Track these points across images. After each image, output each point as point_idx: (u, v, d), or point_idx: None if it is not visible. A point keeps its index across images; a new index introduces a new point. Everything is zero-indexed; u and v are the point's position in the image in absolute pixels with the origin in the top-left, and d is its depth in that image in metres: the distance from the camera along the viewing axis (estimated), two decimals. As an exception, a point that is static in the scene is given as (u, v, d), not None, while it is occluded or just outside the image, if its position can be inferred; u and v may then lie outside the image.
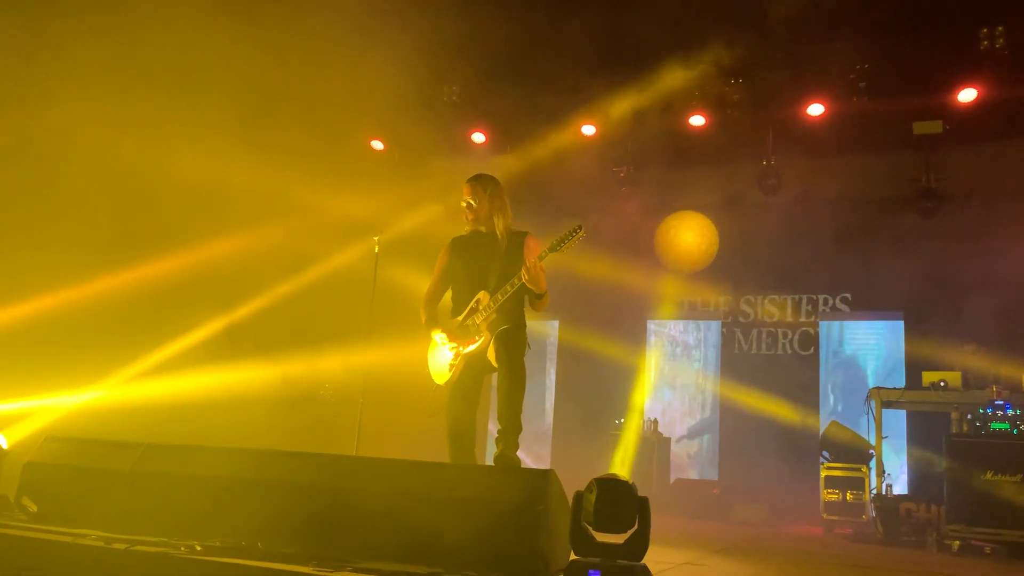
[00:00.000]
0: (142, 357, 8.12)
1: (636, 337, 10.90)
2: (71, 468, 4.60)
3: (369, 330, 6.73)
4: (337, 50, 7.74)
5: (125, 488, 4.35)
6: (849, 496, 8.05)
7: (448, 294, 4.97)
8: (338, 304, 8.37)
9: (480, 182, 4.83)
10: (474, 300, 4.73)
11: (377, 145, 10.03)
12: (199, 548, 3.56)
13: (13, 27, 7.12)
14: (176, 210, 7.99)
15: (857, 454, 8.19)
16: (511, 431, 4.40)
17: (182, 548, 3.56)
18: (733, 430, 10.12)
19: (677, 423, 10.72)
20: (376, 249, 6.75)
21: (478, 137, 9.91)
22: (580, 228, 4.47)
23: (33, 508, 4.57)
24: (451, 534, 3.60)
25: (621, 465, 9.09)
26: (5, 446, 4.91)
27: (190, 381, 8.03)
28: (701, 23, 8.10)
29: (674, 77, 8.65)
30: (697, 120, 9.19)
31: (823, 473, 8.22)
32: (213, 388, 8.00)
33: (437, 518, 3.65)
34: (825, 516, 8.10)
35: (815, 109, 8.80)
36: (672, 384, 10.99)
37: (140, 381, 8.09)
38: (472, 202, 4.79)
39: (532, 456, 10.58)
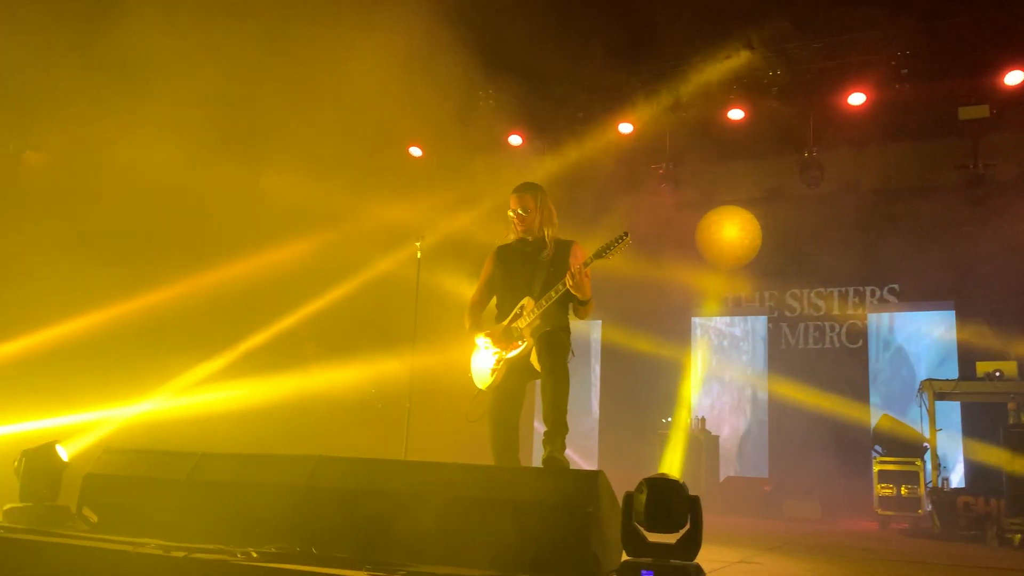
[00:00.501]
0: (194, 368, 8.28)
1: (681, 335, 10.83)
2: (129, 479, 4.71)
3: (414, 334, 6.78)
4: (372, 57, 7.82)
5: (181, 497, 4.43)
6: (904, 490, 7.91)
7: (493, 301, 5.00)
8: (383, 310, 8.45)
9: (530, 191, 4.83)
10: (518, 306, 4.75)
11: (415, 151, 10.09)
12: (255, 555, 3.62)
13: (58, 42, 7.31)
14: (223, 222, 8.15)
15: (911, 447, 8.04)
16: (558, 433, 4.40)
17: (239, 555, 3.62)
18: (782, 426, 10.01)
19: (725, 420, 10.63)
20: (418, 254, 6.80)
21: (515, 139, 9.92)
22: (626, 235, 4.45)
23: (94, 519, 4.68)
24: (502, 537, 3.61)
25: (670, 464, 9.04)
26: (66, 458, 5.03)
27: (241, 390, 8.17)
28: (737, 15, 8.02)
29: (711, 71, 8.60)
30: (736, 114, 9.10)
31: (876, 467, 8.09)
32: (262, 396, 8.12)
33: (488, 521, 3.67)
34: (880, 511, 7.97)
35: (856, 98, 8.66)
36: (719, 381, 10.90)
37: (193, 391, 8.25)
38: (522, 212, 4.79)
39: (580, 452, 10.57)
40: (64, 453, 5.04)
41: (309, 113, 8.14)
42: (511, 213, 4.84)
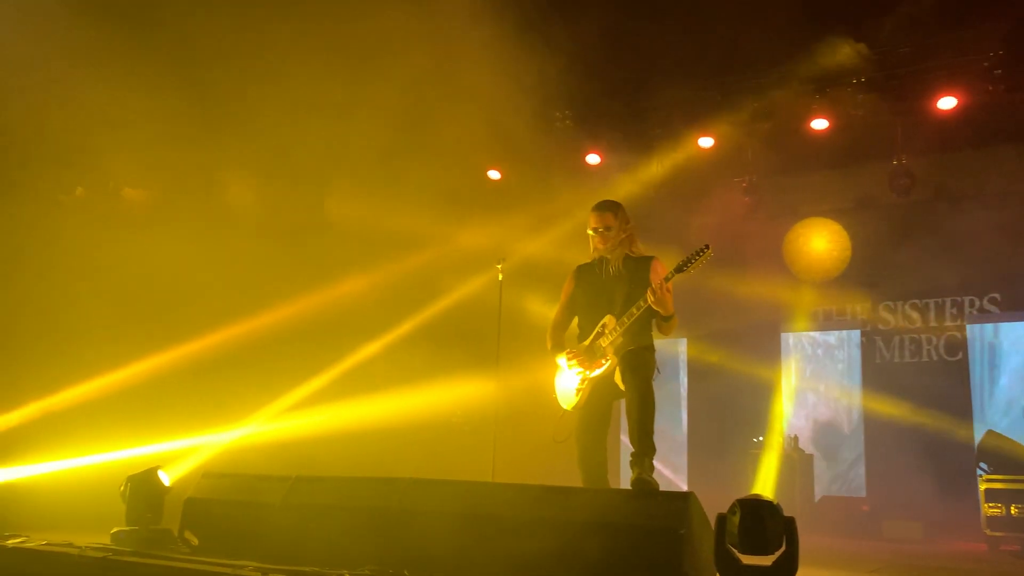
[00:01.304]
0: (287, 394, 8.51)
1: (770, 351, 10.57)
2: (227, 502, 4.86)
3: (497, 356, 6.81)
4: (449, 82, 7.95)
5: (277, 520, 4.55)
6: (1014, 510, 7.51)
7: (575, 322, 4.98)
8: (467, 332, 8.53)
9: (610, 209, 4.80)
10: (600, 324, 4.72)
11: (494, 174, 10.18)
12: (349, 576, 3.68)
13: (153, 87, 7.67)
14: (315, 250, 8.41)
15: (1020, 465, 7.65)
16: (645, 453, 4.35)
17: (333, 577, 3.69)
18: (880, 443, 9.65)
19: (819, 438, 10.31)
20: (500, 276, 6.84)
21: (593, 158, 9.90)
22: (707, 248, 4.38)
23: (195, 541, 4.85)
24: (593, 560, 3.58)
25: (763, 484, 8.82)
26: (168, 483, 5.22)
27: (332, 414, 8.35)
28: (816, 24, 7.86)
29: (792, 81, 8.43)
30: (819, 123, 8.88)
31: (982, 486, 7.72)
32: (352, 419, 8.28)
33: (578, 543, 3.64)
34: (988, 532, 7.58)
35: (947, 102, 8.34)
36: (811, 398, 10.59)
37: (286, 416, 8.47)
38: (603, 229, 4.76)
39: (669, 467, 10.41)
40: (166, 478, 5.23)
41: (389, 140, 8.33)
42: (591, 231, 4.83)
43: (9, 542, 4.82)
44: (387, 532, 4.13)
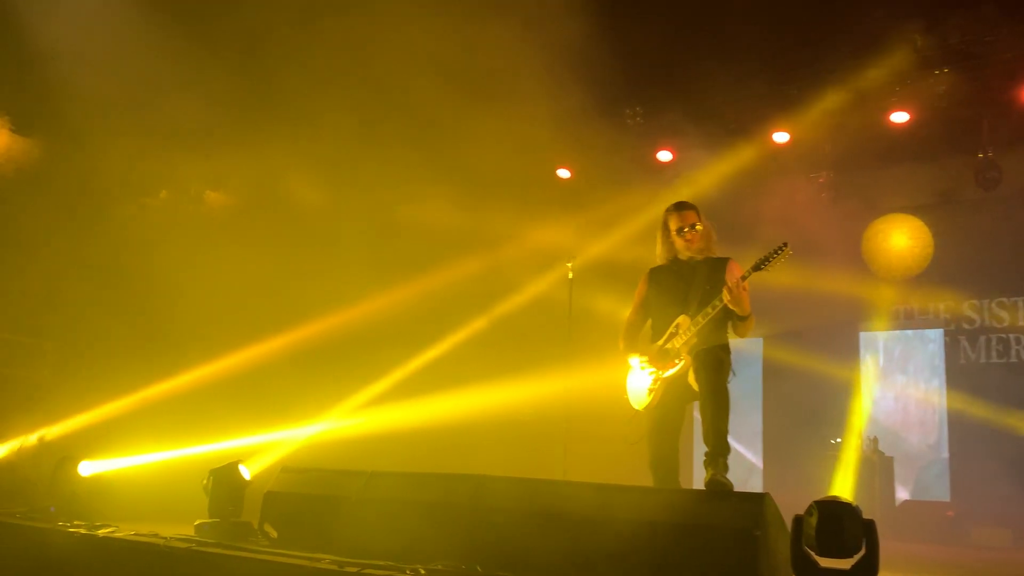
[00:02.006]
0: (362, 390, 8.67)
1: (848, 351, 10.30)
2: (305, 496, 4.97)
3: (568, 355, 6.81)
4: (519, 81, 7.97)
5: (353, 514, 4.63)
6: (1111, 518, 7.18)
7: (648, 324, 4.93)
8: (538, 331, 8.55)
9: (693, 208, 4.74)
10: (673, 325, 4.66)
11: (563, 173, 10.16)
12: (423, 572, 3.72)
13: (231, 92, 7.91)
14: (387, 250, 8.55)
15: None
16: (719, 454, 4.29)
17: (407, 572, 3.73)
18: (964, 446, 9.31)
19: (899, 440, 10.01)
20: (570, 275, 6.83)
21: (664, 156, 9.80)
22: (785, 245, 4.30)
23: (274, 534, 4.97)
24: (665, 561, 3.55)
25: (841, 487, 8.60)
26: (248, 477, 5.37)
27: (405, 410, 8.47)
28: (896, 13, 7.63)
29: (871, 73, 8.19)
30: (900, 116, 8.61)
31: (1077, 492, 7.39)
32: (425, 416, 8.39)
33: (650, 544, 3.62)
34: (1083, 540, 7.26)
35: (1036, 92, 8.00)
36: (891, 399, 10.28)
37: (362, 412, 8.63)
38: (690, 228, 4.68)
39: (752, 450, 10.25)
40: (246, 472, 5.38)
41: (460, 142, 8.41)
42: (676, 231, 4.73)
43: (100, 532, 5.03)
44: (459, 528, 4.17)
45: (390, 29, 7.42)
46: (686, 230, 4.69)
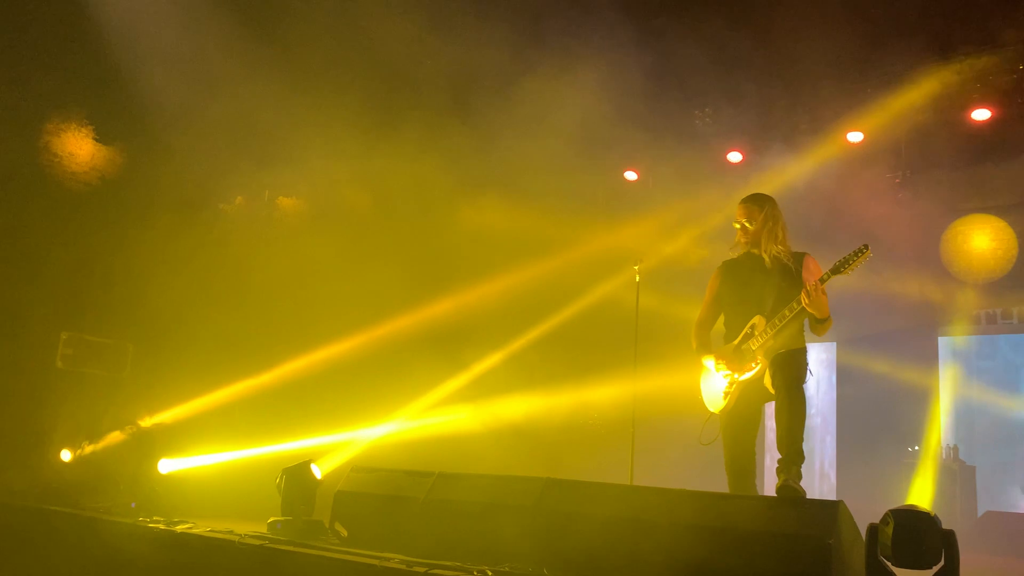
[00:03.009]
0: (430, 392, 8.76)
1: (927, 356, 9.98)
2: (374, 496, 5.04)
3: (635, 357, 6.76)
4: (586, 84, 7.96)
5: (420, 514, 4.68)
6: None
7: (721, 320, 4.85)
8: (605, 334, 8.51)
9: (756, 201, 4.66)
10: (748, 325, 4.56)
11: (630, 175, 10.09)
12: (490, 573, 3.74)
13: (302, 100, 8.09)
14: (455, 252, 8.63)
15: None
16: (793, 460, 4.19)
17: (475, 573, 3.76)
18: (1051, 456, 8.94)
19: (982, 449, 9.65)
20: (637, 278, 6.79)
21: (734, 156, 9.65)
22: (866, 248, 4.19)
23: (344, 533, 5.05)
24: (736, 568, 3.50)
25: (919, 496, 8.35)
26: (319, 476, 5.48)
27: (471, 413, 8.53)
28: (976, 7, 7.37)
29: (950, 70, 7.93)
30: (981, 114, 8.32)
31: None
32: (491, 418, 8.43)
33: (720, 551, 3.57)
34: None
35: None
36: (973, 406, 9.92)
37: (429, 413, 8.72)
38: (747, 224, 4.62)
39: (825, 457, 10.01)
40: (318, 471, 5.48)
41: (526, 144, 8.42)
42: (736, 224, 4.69)
43: (178, 527, 5.19)
44: (526, 530, 4.17)
45: (446, 33, 7.50)
46: (744, 223, 4.63)
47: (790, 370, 4.32)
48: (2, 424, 7.05)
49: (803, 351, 4.48)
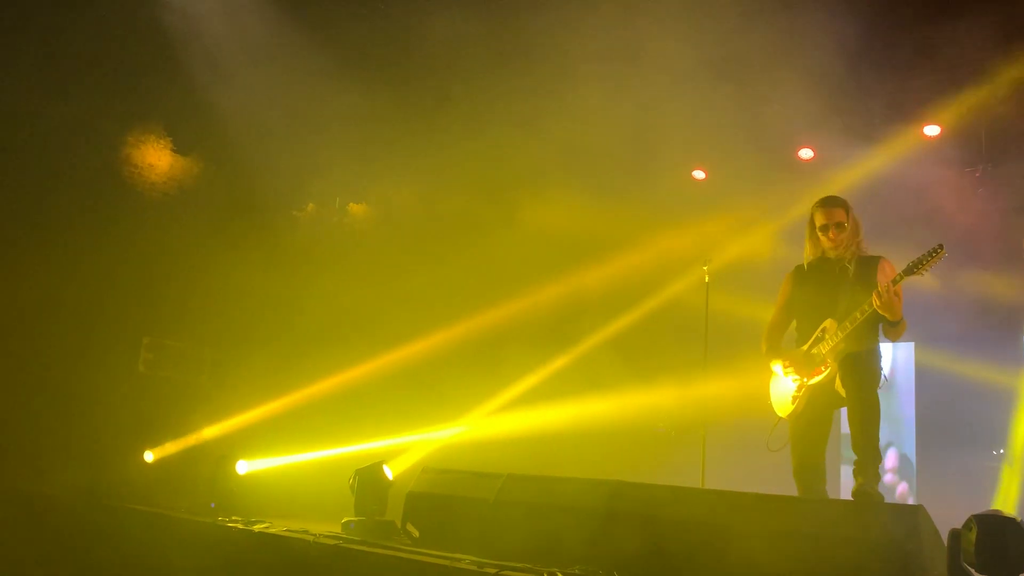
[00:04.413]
0: (499, 393, 8.81)
1: (1011, 356, 9.59)
2: (444, 496, 5.08)
3: (705, 360, 6.68)
4: (652, 82, 7.90)
5: (490, 515, 4.70)
6: None
7: (793, 325, 4.77)
8: (672, 336, 8.43)
9: (842, 205, 4.55)
10: (820, 329, 4.48)
11: (698, 175, 9.98)
12: (560, 575, 3.74)
13: (370, 111, 8.22)
14: (523, 256, 8.67)
15: None
16: (869, 463, 4.10)
17: (545, 574, 3.76)
18: None
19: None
20: (706, 279, 6.72)
21: (806, 153, 9.45)
22: (941, 247, 4.07)
23: (416, 533, 5.11)
24: (811, 574, 3.43)
25: (1004, 501, 8.04)
26: (391, 477, 5.55)
27: (540, 415, 8.54)
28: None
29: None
30: (1064, 103, 7.98)
31: None
32: (560, 419, 8.42)
33: (795, 556, 3.50)
34: None
35: None
36: (1061, 407, 9.50)
37: (500, 415, 8.77)
38: (837, 227, 4.51)
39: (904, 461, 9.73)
40: (389, 472, 5.56)
41: (592, 144, 8.41)
42: (820, 229, 4.56)
43: (255, 527, 5.32)
44: (595, 533, 4.16)
45: (525, 43, 7.52)
46: (831, 228, 4.52)
47: (861, 371, 4.22)
48: (88, 426, 7.31)
49: (875, 352, 4.38)
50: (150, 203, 8.24)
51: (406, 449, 8.11)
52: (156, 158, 8.35)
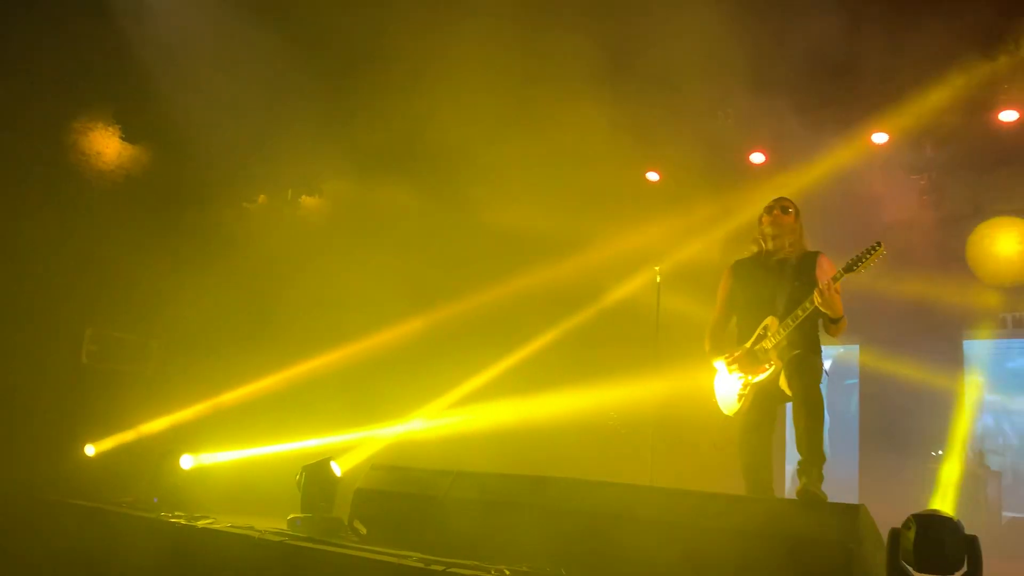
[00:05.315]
0: (449, 391, 8.78)
1: (951, 359, 9.85)
2: (393, 494, 5.06)
3: (655, 359, 6.74)
4: (606, 84, 7.93)
5: (439, 513, 4.69)
6: None
7: (734, 321, 4.82)
8: (625, 335, 8.49)
9: (792, 203, 4.62)
10: (761, 326, 4.53)
11: (652, 176, 10.06)
12: (508, 572, 3.74)
13: (327, 108, 8.14)
14: (474, 255, 8.65)
15: None
16: (813, 463, 4.16)
17: (492, 572, 3.76)
18: (1080, 462, 8.81)
19: (1007, 454, 9.53)
20: (657, 279, 6.77)
21: (757, 157, 9.58)
22: (879, 245, 4.15)
23: (363, 530, 5.08)
24: (755, 572, 3.48)
25: (942, 501, 8.25)
26: (339, 474, 5.50)
27: (490, 412, 8.54)
28: (1004, 7, 7.27)
29: (977, 71, 7.83)
30: (1008, 115, 8.21)
31: None
32: (509, 417, 8.43)
33: (738, 554, 3.54)
34: None
35: None
36: (999, 411, 9.80)
37: (448, 413, 8.75)
38: (791, 209, 4.59)
39: (847, 461, 9.91)
40: (337, 469, 5.51)
41: (547, 144, 8.41)
42: (768, 209, 4.61)
43: (199, 523, 5.23)
44: (544, 530, 4.17)
45: (471, 33, 7.50)
46: (776, 208, 4.58)
47: (806, 371, 4.28)
48: (28, 419, 7.13)
49: (817, 350, 4.45)
50: (97, 191, 8.06)
51: (355, 446, 8.04)
52: (104, 146, 8.17)
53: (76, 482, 6.73)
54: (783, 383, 4.39)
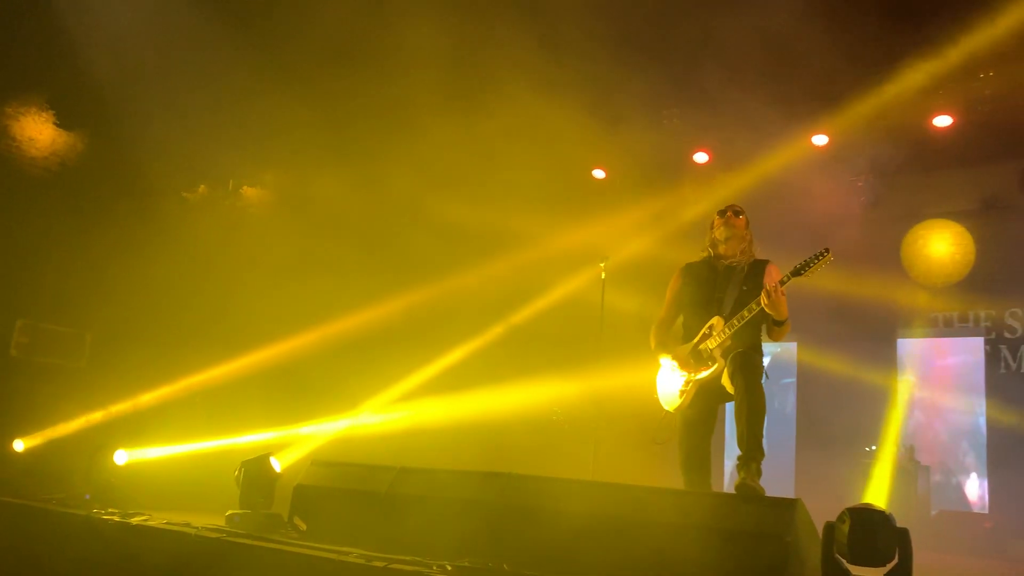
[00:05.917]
0: (392, 387, 8.72)
1: (885, 357, 10.12)
2: (334, 490, 5.00)
3: (599, 355, 6.78)
4: (557, 83, 7.96)
5: (381, 509, 4.65)
6: None
7: (680, 320, 4.89)
8: (569, 330, 8.53)
9: (743, 212, 4.74)
10: (707, 326, 4.61)
11: (598, 174, 10.13)
12: (449, 568, 3.72)
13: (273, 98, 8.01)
14: (419, 248, 8.60)
15: None
16: (752, 458, 4.23)
17: (434, 568, 3.74)
18: (1005, 458, 9.10)
19: (937, 450, 9.83)
20: (603, 275, 6.81)
21: (701, 157, 9.71)
22: (827, 251, 4.25)
23: (303, 527, 5.01)
24: (694, 564, 3.52)
25: (874, 495, 8.48)
26: (278, 469, 5.42)
27: (434, 408, 8.51)
28: (939, 16, 7.49)
29: (913, 76, 8.04)
30: (943, 120, 8.46)
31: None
32: (454, 413, 8.41)
33: (678, 547, 3.58)
34: None
35: (1085, 96, 7.81)
36: (929, 407, 10.10)
37: (391, 408, 8.69)
38: (743, 215, 4.69)
39: (784, 456, 10.10)
40: (277, 464, 5.43)
41: (493, 139, 8.41)
42: (721, 213, 4.71)
43: (133, 520, 5.10)
44: (487, 525, 4.16)
45: (418, 25, 7.46)
46: (729, 211, 4.67)
47: (748, 369, 4.36)
48: (-47, 413, 6.89)
49: (759, 349, 4.56)
50: (29, 179, 7.83)
51: (295, 441, 7.94)
52: (37, 132, 7.93)
53: (4, 478, 6.52)
54: (726, 381, 4.47)
